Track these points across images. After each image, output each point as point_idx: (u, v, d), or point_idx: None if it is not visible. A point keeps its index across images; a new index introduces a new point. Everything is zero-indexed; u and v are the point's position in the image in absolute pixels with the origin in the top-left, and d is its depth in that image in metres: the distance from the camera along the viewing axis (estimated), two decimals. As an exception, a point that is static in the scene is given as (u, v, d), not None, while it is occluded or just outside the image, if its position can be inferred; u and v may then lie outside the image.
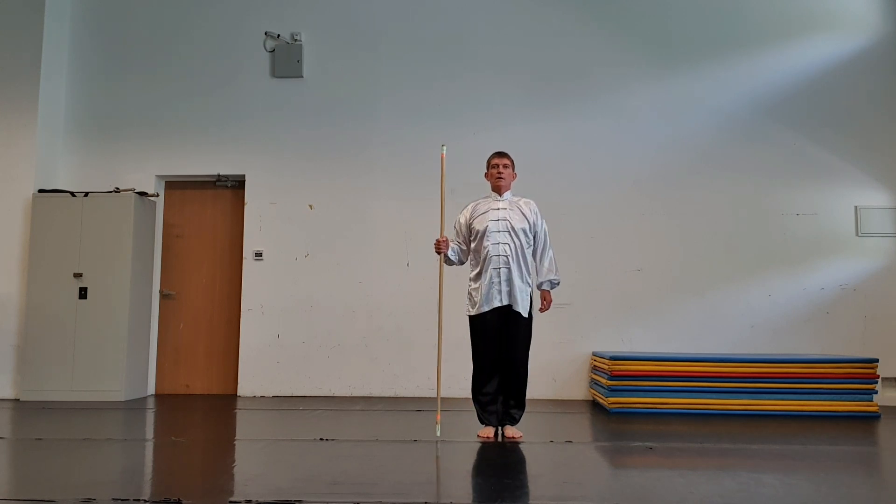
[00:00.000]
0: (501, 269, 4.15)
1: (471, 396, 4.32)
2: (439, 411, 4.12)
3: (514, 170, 4.38)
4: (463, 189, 6.17)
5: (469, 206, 4.37)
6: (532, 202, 4.33)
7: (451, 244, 4.29)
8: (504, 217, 4.21)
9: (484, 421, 4.25)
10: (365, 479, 3.22)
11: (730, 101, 6.30)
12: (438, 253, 4.25)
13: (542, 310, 4.36)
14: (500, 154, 4.39)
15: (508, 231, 4.19)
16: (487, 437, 4.13)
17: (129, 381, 5.87)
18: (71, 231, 5.92)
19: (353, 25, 6.49)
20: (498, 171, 4.31)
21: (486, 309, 4.16)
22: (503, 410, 4.27)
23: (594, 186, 6.26)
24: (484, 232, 4.19)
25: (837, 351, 5.95)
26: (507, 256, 4.15)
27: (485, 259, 4.17)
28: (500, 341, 4.21)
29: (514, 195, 4.37)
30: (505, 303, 4.15)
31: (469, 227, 4.29)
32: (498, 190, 4.33)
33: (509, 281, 4.15)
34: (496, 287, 4.15)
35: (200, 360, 6.40)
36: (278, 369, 6.19)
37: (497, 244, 4.17)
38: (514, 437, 4.12)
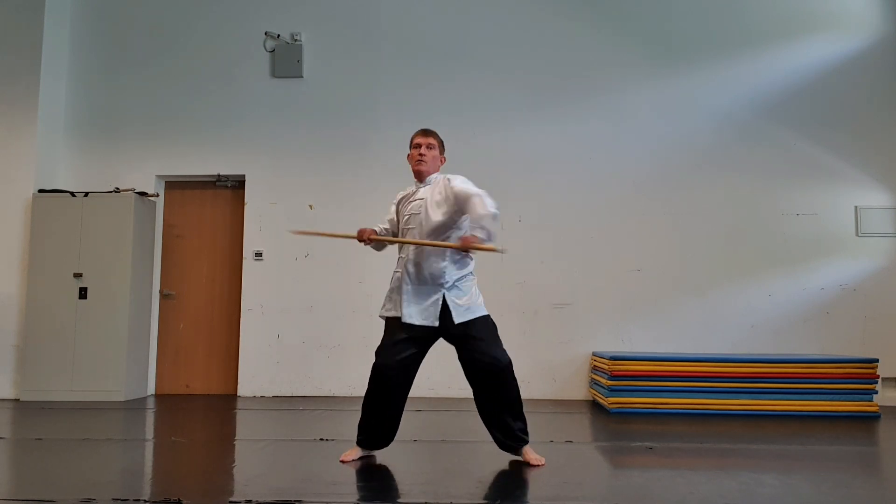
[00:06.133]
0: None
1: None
2: None
3: (441, 152, 3.73)
4: (463, 189, 6.21)
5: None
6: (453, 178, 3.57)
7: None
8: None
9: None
10: (365, 479, 3.22)
11: (730, 101, 6.30)
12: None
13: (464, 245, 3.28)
14: (425, 132, 3.72)
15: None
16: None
17: (129, 381, 5.87)
18: (71, 231, 5.91)
19: (353, 25, 6.49)
20: (419, 153, 3.66)
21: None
22: (505, 433, 3.52)
23: (594, 186, 6.25)
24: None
25: (837, 351, 5.95)
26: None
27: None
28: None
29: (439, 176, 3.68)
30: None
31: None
32: (417, 176, 3.69)
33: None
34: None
35: (200, 360, 6.40)
36: (278, 369, 6.19)
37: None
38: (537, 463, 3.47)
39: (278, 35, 6.48)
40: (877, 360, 5.36)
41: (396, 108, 6.39)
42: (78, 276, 5.86)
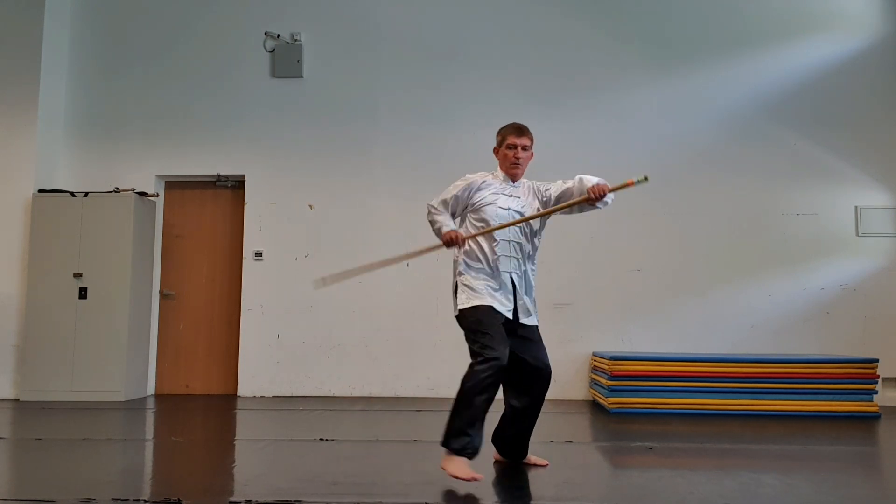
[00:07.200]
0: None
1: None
2: None
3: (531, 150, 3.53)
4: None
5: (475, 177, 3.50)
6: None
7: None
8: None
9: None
10: (365, 479, 3.22)
11: (730, 100, 6.30)
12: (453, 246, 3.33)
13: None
14: (521, 130, 3.48)
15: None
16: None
17: (129, 381, 5.87)
18: (71, 231, 5.91)
19: (353, 25, 6.49)
20: (516, 155, 3.46)
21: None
22: (519, 441, 3.44)
23: (594, 186, 6.24)
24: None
25: (837, 351, 5.95)
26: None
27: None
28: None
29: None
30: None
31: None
32: (512, 178, 3.53)
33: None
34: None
35: (200, 360, 6.39)
36: (278, 369, 6.19)
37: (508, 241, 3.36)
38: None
39: (278, 35, 6.47)
40: (877, 360, 5.36)
41: (396, 108, 6.39)
42: (78, 276, 5.86)
